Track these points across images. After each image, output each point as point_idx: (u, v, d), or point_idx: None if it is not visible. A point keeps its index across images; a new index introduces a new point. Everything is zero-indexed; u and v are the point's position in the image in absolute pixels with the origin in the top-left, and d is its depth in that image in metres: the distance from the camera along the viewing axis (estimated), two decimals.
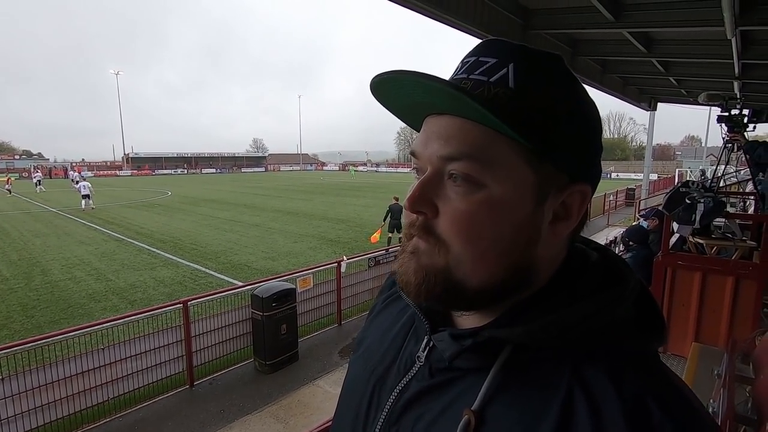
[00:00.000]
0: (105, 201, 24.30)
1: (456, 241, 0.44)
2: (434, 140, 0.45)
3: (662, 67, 6.41)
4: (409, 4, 3.36)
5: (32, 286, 8.58)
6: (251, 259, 10.57)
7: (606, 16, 4.10)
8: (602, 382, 0.40)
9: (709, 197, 3.21)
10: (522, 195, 0.44)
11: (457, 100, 0.42)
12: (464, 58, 0.48)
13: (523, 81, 0.43)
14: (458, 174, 0.44)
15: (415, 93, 0.45)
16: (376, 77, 0.46)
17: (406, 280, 0.47)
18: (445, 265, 0.45)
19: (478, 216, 0.43)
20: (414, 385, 0.51)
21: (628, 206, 19.65)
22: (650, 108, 11.08)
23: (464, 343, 0.46)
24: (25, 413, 3.95)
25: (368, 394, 0.56)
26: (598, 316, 0.43)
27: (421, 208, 0.45)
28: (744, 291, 3.16)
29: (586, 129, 0.46)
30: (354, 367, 0.64)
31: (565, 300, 0.45)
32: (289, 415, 4.45)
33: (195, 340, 5.11)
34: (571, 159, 0.45)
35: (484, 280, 0.45)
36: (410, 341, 0.56)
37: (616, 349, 0.43)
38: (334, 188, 32.90)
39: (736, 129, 4.23)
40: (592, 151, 0.47)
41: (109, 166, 64.76)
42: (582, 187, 0.47)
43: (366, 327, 0.69)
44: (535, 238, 0.45)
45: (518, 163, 0.43)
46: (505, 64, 0.44)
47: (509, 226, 0.44)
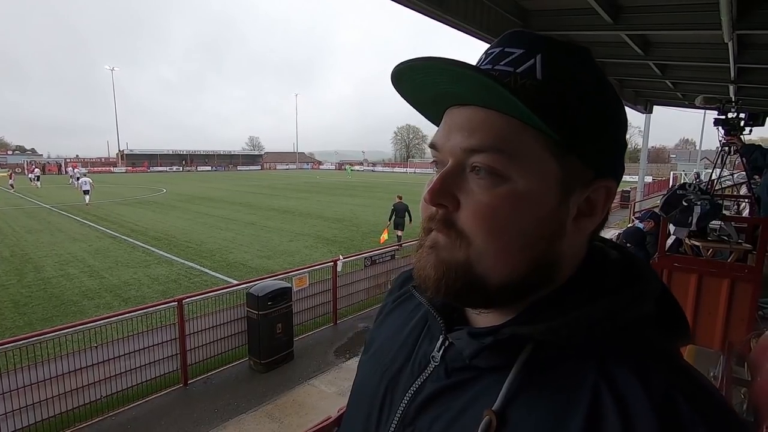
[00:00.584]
0: (99, 198, 24.11)
1: (478, 234, 0.43)
2: (457, 132, 0.44)
3: (659, 70, 6.44)
4: (409, 3, 3.35)
5: (24, 283, 8.50)
6: (246, 258, 10.53)
7: (604, 18, 4.11)
8: (629, 379, 0.39)
9: (705, 200, 3.23)
10: (547, 189, 0.43)
11: (486, 89, 0.41)
12: (488, 49, 0.47)
13: (550, 72, 0.42)
14: (482, 166, 0.42)
15: (441, 82, 0.43)
16: (399, 64, 0.45)
17: (425, 275, 0.46)
18: (466, 259, 0.44)
19: (502, 210, 0.42)
20: (429, 386, 0.50)
21: (623, 208, 19.76)
22: (646, 111, 11.14)
23: (484, 341, 0.45)
24: (17, 411, 3.91)
25: (380, 395, 0.55)
26: (622, 312, 0.43)
27: (442, 201, 0.44)
28: (740, 293, 3.18)
29: (612, 124, 0.46)
30: (364, 368, 0.63)
31: (588, 297, 0.44)
32: (283, 415, 4.43)
33: (189, 338, 5.08)
34: (598, 154, 0.45)
35: (505, 275, 0.43)
36: (424, 341, 0.55)
37: (640, 346, 0.42)
38: (330, 187, 32.86)
39: (733, 132, 4.25)
40: (618, 147, 0.47)
41: (103, 162, 64.28)
42: (607, 182, 0.45)
43: (376, 327, 0.67)
44: (559, 234, 0.44)
45: (544, 156, 0.42)
46: (532, 55, 0.43)
47: (533, 220, 0.43)
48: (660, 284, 0.47)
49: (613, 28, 4.36)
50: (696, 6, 3.88)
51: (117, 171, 55.60)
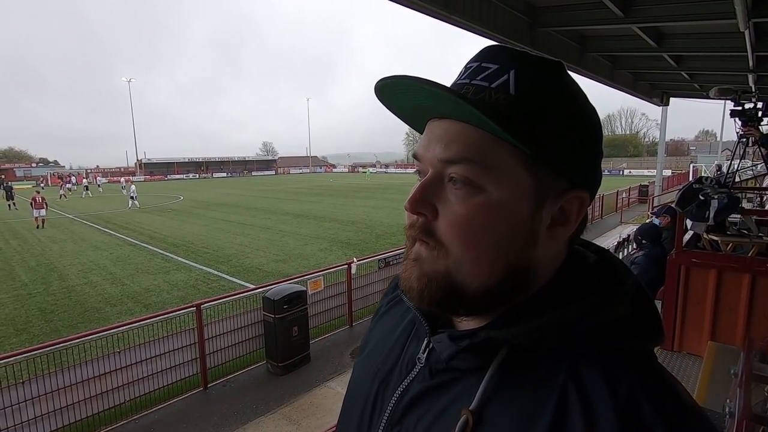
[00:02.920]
0: (119, 206, 24.70)
1: (454, 243, 0.45)
2: (435, 143, 0.46)
3: (674, 61, 6.30)
4: (413, 5, 3.36)
5: (50, 291, 8.77)
6: (262, 262, 10.66)
7: (614, 11, 4.05)
8: (596, 381, 0.41)
9: (723, 193, 3.15)
10: (520, 199, 0.45)
11: (458, 105, 0.43)
12: (467, 63, 0.49)
13: (523, 87, 0.44)
14: (458, 177, 0.45)
15: (419, 97, 0.46)
16: (380, 81, 0.48)
17: (409, 286, 0.49)
18: (446, 269, 0.46)
19: (476, 219, 0.44)
20: (415, 386, 0.52)
21: (641, 203, 19.36)
22: (662, 103, 10.89)
23: (461, 343, 0.47)
24: (45, 416, 4.04)
25: (372, 395, 0.58)
26: (594, 315, 0.44)
27: (422, 210, 0.46)
28: (761, 288, 3.09)
29: (585, 135, 0.47)
30: (358, 369, 0.65)
31: (562, 301, 0.45)
32: (301, 417, 4.48)
33: (208, 342, 5.17)
34: (570, 165, 0.46)
35: (482, 283, 0.45)
36: (412, 343, 0.58)
37: (611, 348, 0.44)
38: (344, 190, 33.00)
39: (750, 123, 4.14)
40: (592, 158, 0.48)
41: (122, 172, 65.76)
42: (580, 193, 0.47)
43: (370, 329, 0.70)
44: (533, 242, 0.46)
45: (517, 168, 0.44)
46: (506, 71, 0.45)
47: (507, 229, 0.45)
48: (635, 286, 0.48)
49: (623, 21, 4.29)
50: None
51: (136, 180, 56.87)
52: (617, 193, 17.57)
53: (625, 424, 0.38)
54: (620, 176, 43.03)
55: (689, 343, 3.41)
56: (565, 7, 4.58)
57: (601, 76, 6.97)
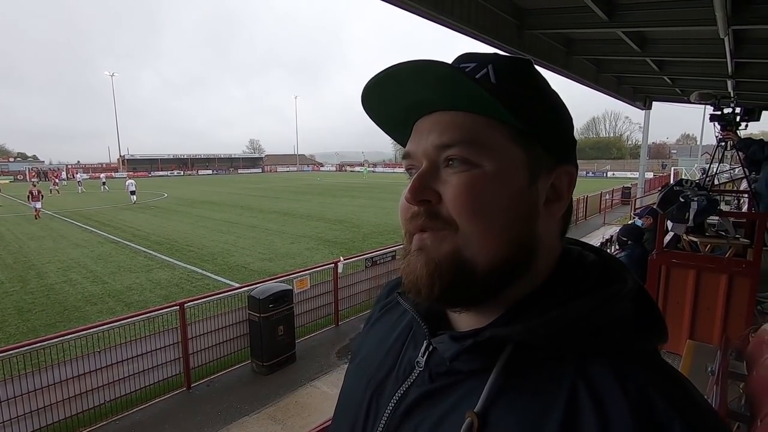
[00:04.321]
0: (100, 203, 24.20)
1: (462, 216, 0.45)
2: (428, 134, 0.48)
3: (656, 66, 6.44)
4: (403, 4, 3.37)
5: (28, 290, 8.54)
6: (248, 261, 10.56)
7: (600, 15, 4.12)
8: (606, 378, 0.41)
9: (702, 195, 3.23)
10: (516, 171, 0.46)
11: (454, 85, 0.45)
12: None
13: (503, 76, 0.48)
14: (456, 157, 0.46)
15: (408, 90, 0.47)
16: (372, 79, 0.48)
17: (416, 276, 0.47)
18: (455, 247, 0.46)
19: (477, 188, 0.45)
20: (414, 391, 0.51)
21: (624, 205, 19.73)
22: (645, 107, 11.13)
23: (465, 343, 0.46)
24: (21, 417, 3.93)
25: (366, 402, 0.56)
26: (599, 313, 0.44)
27: (424, 197, 0.47)
28: (737, 288, 3.18)
29: (563, 119, 0.51)
30: (350, 376, 0.64)
31: (565, 297, 0.45)
32: (286, 417, 4.45)
33: (192, 342, 5.10)
34: (556, 142, 0.49)
35: (491, 257, 0.45)
36: (408, 347, 0.56)
37: (618, 346, 0.44)
38: (331, 189, 32.89)
39: (729, 127, 4.25)
40: (571, 139, 0.52)
41: (104, 168, 64.44)
42: (569, 168, 0.50)
43: (363, 336, 0.68)
44: (534, 214, 0.47)
45: (509, 144, 0.46)
46: (484, 66, 0.49)
47: (509, 197, 0.46)
48: (637, 284, 0.48)
49: (608, 25, 4.36)
50: (690, 2, 3.88)
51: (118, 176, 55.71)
52: (601, 195, 17.87)
53: (640, 421, 0.38)
54: (604, 178, 43.75)
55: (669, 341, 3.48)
56: (552, 10, 4.65)
57: (587, 79, 7.08)
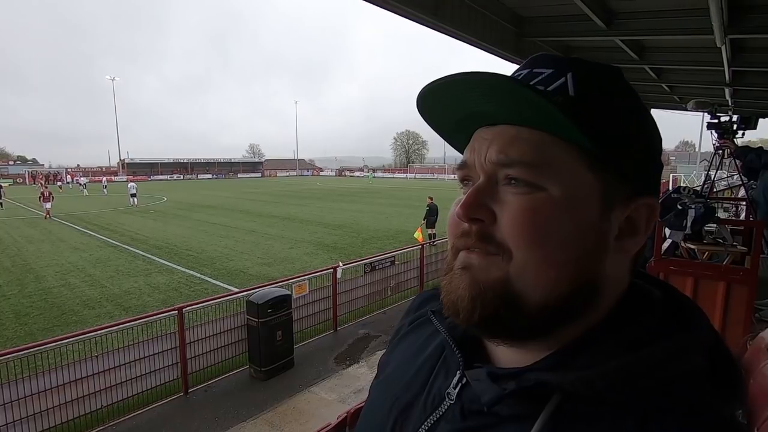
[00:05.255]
0: (100, 207, 24.19)
1: (520, 243, 0.40)
2: (488, 147, 0.43)
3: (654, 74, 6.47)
4: (401, 11, 3.39)
5: (25, 293, 8.53)
6: (247, 265, 10.55)
7: (598, 24, 4.15)
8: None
9: (699, 203, 3.25)
10: (586, 199, 0.40)
11: (521, 102, 0.40)
12: (515, 72, 0.46)
13: (583, 89, 0.41)
14: (516, 178, 0.41)
15: (472, 99, 0.42)
16: (429, 84, 0.43)
17: (457, 297, 0.42)
18: (505, 275, 0.40)
19: (541, 215, 0.39)
20: (443, 426, 0.46)
21: None
22: None
23: (506, 386, 0.40)
24: (17, 422, 3.92)
25: (390, 426, 0.51)
26: (670, 365, 0.37)
27: (478, 215, 0.41)
28: (735, 296, 3.18)
29: (649, 142, 0.44)
30: (375, 392, 0.59)
31: (629, 343, 0.39)
32: (284, 422, 4.43)
33: (190, 347, 5.09)
34: (635, 169, 0.42)
35: (546, 293, 0.39)
36: (439, 374, 0.51)
37: (688, 406, 0.37)
38: (331, 194, 32.91)
39: (726, 136, 4.28)
40: (656, 166, 0.45)
41: (104, 171, 64.48)
42: (649, 200, 0.43)
43: (390, 350, 0.63)
44: (604, 248, 0.41)
45: (580, 168, 0.40)
46: (562, 74, 0.42)
47: (575, 227, 0.40)
48: (713, 332, 0.42)
49: (607, 33, 4.39)
50: (687, 11, 3.92)
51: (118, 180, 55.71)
52: None
53: None
54: None
55: None
56: (551, 18, 4.68)
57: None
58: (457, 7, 3.86)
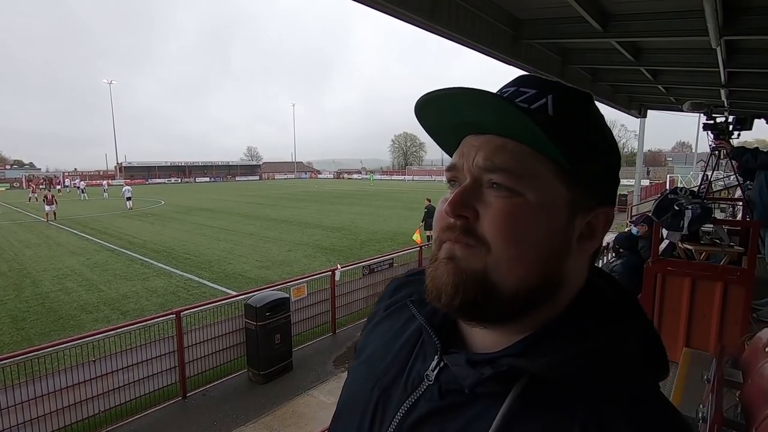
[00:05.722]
0: (97, 211, 24.12)
1: (498, 240, 0.46)
2: (476, 153, 0.48)
3: (650, 75, 6.50)
4: (399, 14, 3.40)
5: (22, 298, 8.49)
6: (245, 269, 10.53)
7: (594, 26, 4.17)
8: (617, 417, 0.43)
9: (696, 204, 3.26)
10: (557, 207, 0.47)
11: (510, 118, 0.45)
12: (503, 88, 0.51)
13: (561, 110, 0.48)
14: (498, 183, 0.46)
15: (466, 110, 0.48)
16: (429, 93, 0.48)
17: (441, 284, 0.48)
18: (483, 267, 0.46)
19: (518, 216, 0.46)
20: (423, 405, 0.51)
21: (620, 212, 19.81)
22: (640, 115, 11.21)
23: (483, 371, 0.47)
24: (15, 427, 3.89)
25: (372, 404, 0.56)
26: (616, 349, 0.45)
27: (463, 212, 0.47)
28: (733, 296, 3.20)
29: (611, 159, 0.51)
30: (355, 373, 0.63)
31: (585, 332, 0.46)
32: (283, 426, 4.41)
33: (188, 350, 5.07)
34: (600, 183, 0.50)
35: (518, 284, 0.46)
36: (418, 357, 0.56)
37: (628, 383, 0.45)
38: (329, 196, 32.90)
39: (722, 136, 4.30)
40: (615, 179, 0.52)
41: (101, 175, 64.29)
42: (607, 209, 0.50)
43: (367, 334, 0.68)
44: (568, 251, 0.48)
45: (554, 181, 0.47)
46: (544, 95, 0.48)
47: (546, 232, 0.46)
48: (647, 320, 0.50)
49: (602, 35, 4.41)
50: (683, 13, 3.94)
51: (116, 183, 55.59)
52: None
53: None
54: None
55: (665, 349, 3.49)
56: (548, 21, 4.70)
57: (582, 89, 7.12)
58: (454, 9, 3.87)
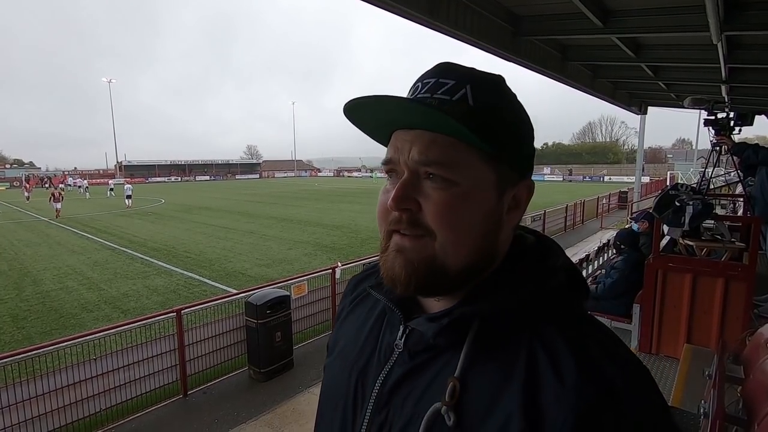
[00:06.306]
0: (97, 209, 24.12)
1: (441, 228, 0.51)
2: (409, 148, 0.53)
3: (651, 71, 6.48)
4: (398, 10, 3.39)
5: (23, 297, 8.49)
6: (246, 267, 10.53)
7: (594, 22, 4.15)
8: (555, 335, 0.49)
9: (697, 200, 3.25)
10: (487, 190, 0.53)
11: (435, 118, 0.50)
12: (424, 79, 0.55)
13: (479, 99, 0.52)
14: (434, 174, 0.51)
15: (394, 113, 0.53)
16: (354, 99, 0.52)
17: (394, 274, 0.53)
18: (432, 253, 0.51)
19: (456, 206, 0.51)
20: (397, 370, 0.57)
21: (621, 209, 19.80)
22: (641, 112, 11.19)
23: (442, 322, 0.52)
24: (15, 426, 3.89)
25: (352, 388, 0.61)
26: (543, 284, 0.53)
27: (406, 205, 0.52)
28: (734, 292, 3.19)
29: (528, 135, 0.57)
30: (331, 368, 0.68)
31: (517, 276, 0.54)
32: (284, 423, 4.42)
33: (188, 348, 5.07)
34: (520, 161, 0.55)
35: (463, 262, 0.52)
36: (385, 333, 0.62)
37: (560, 308, 0.53)
38: (329, 194, 32.88)
39: (723, 132, 4.29)
40: (532, 154, 0.58)
41: (101, 174, 64.29)
42: (527, 182, 0.57)
43: (336, 331, 0.73)
44: (500, 226, 0.55)
45: (481, 165, 0.52)
46: (463, 86, 0.52)
47: (481, 215, 0.52)
48: (568, 258, 0.58)
49: (603, 31, 4.40)
50: (683, 9, 3.92)
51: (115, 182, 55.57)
52: (598, 199, 17.94)
53: (581, 361, 0.47)
54: (601, 183, 43.95)
55: (666, 345, 3.49)
56: (547, 17, 4.68)
57: (583, 85, 7.12)
58: (453, 6, 3.86)
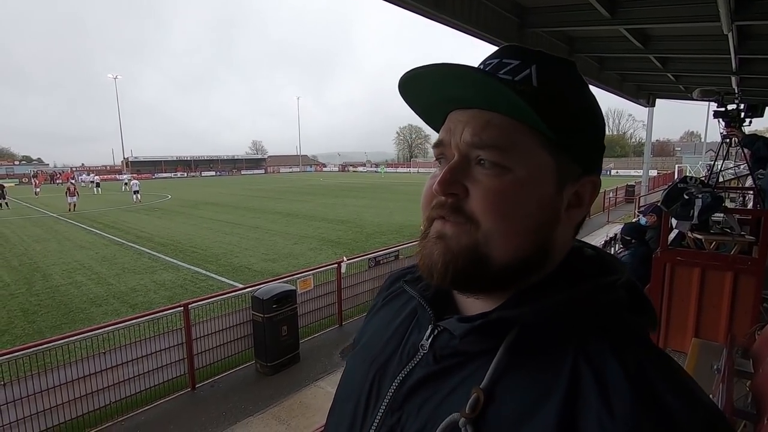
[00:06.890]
0: (105, 205, 24.32)
1: (488, 217, 0.46)
2: (462, 129, 0.48)
3: (660, 63, 6.39)
4: (403, 3, 3.36)
5: (33, 291, 8.60)
6: (252, 261, 10.58)
7: (602, 12, 4.09)
8: (605, 353, 0.43)
9: (707, 193, 3.21)
10: (546, 179, 0.48)
11: (495, 92, 0.45)
12: (486, 60, 0.52)
13: (545, 80, 0.48)
14: (487, 159, 0.47)
15: (449, 86, 0.48)
16: (410, 71, 0.48)
17: (431, 262, 0.49)
18: (473, 242, 0.47)
19: (508, 193, 0.46)
20: (418, 371, 0.52)
21: (628, 203, 19.63)
22: (649, 104, 11.06)
23: (475, 323, 0.47)
24: (27, 418, 3.96)
25: (368, 383, 0.57)
26: (598, 297, 0.47)
27: (453, 190, 0.48)
28: (743, 286, 3.16)
29: (597, 127, 0.52)
30: (352, 359, 0.64)
31: (569, 284, 0.48)
32: (290, 417, 4.46)
33: (196, 342, 5.12)
34: (585, 152, 0.50)
35: (510, 255, 0.47)
36: (413, 332, 0.58)
37: (614, 326, 0.46)
38: (334, 189, 32.91)
39: (733, 124, 4.22)
40: (600, 148, 0.53)
41: (109, 170, 64.81)
42: (593, 178, 0.51)
43: (365, 324, 0.70)
44: (557, 220, 0.49)
45: (541, 152, 0.47)
46: (528, 66, 0.48)
47: (535, 205, 0.47)
48: (629, 277, 0.51)
49: (611, 22, 4.33)
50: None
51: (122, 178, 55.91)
52: (604, 193, 17.77)
53: (638, 390, 0.40)
54: (608, 176, 43.54)
55: (674, 339, 3.47)
56: (554, 8, 4.62)
57: (590, 77, 7.04)
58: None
